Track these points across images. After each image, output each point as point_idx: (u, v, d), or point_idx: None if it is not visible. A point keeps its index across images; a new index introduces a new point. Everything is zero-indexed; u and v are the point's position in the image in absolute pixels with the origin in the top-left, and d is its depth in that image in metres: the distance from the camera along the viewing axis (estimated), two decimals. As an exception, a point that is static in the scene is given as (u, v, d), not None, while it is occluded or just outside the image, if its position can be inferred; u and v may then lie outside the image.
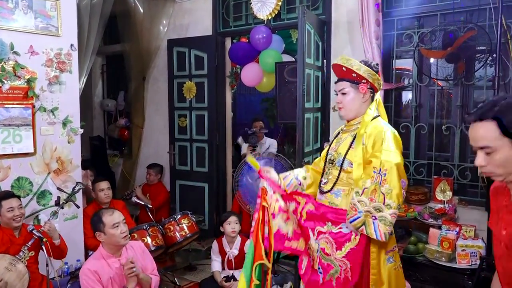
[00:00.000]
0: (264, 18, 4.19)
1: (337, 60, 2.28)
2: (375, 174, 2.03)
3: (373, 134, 2.14)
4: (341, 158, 2.23)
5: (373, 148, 2.11)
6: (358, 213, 2.02)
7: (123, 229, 2.63)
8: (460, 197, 3.40)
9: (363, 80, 2.23)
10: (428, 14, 3.50)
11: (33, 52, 3.35)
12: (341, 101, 2.28)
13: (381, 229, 1.98)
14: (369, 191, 2.02)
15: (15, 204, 2.93)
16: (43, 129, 3.44)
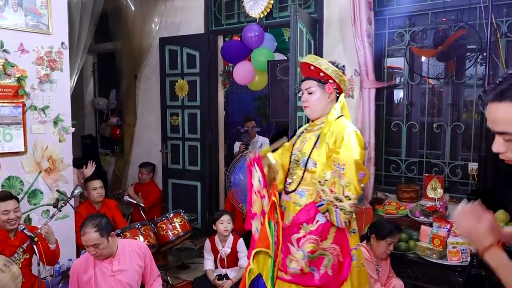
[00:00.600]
0: (256, 16, 4.18)
1: (304, 58, 2.31)
2: (334, 167, 2.10)
3: (335, 132, 2.18)
4: (305, 158, 2.25)
5: (334, 145, 2.16)
6: (322, 201, 2.12)
7: (91, 251, 2.56)
8: (451, 195, 3.43)
9: (330, 80, 2.26)
10: (419, 13, 3.52)
11: (24, 50, 3.32)
12: (307, 100, 2.29)
13: (341, 218, 2.09)
14: (329, 183, 2.09)
15: (11, 207, 2.87)
16: (34, 128, 3.41)
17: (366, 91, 3.55)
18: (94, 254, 2.56)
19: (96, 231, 2.54)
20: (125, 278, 2.61)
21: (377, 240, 2.84)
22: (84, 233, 2.54)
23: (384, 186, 3.77)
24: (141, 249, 2.77)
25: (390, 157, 3.77)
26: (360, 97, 3.62)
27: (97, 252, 2.55)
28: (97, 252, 2.55)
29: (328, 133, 2.20)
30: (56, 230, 3.30)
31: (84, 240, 2.54)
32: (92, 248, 2.53)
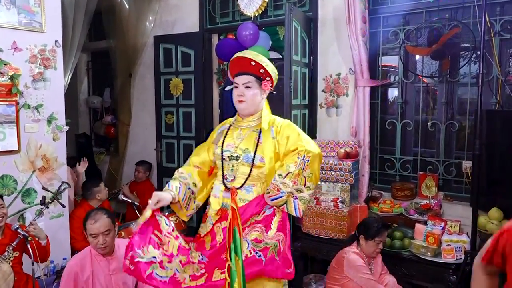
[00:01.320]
0: (251, 14, 4.17)
1: (243, 53, 2.31)
2: (299, 160, 2.18)
3: (283, 127, 2.28)
4: (251, 154, 2.25)
5: (288, 140, 2.24)
6: (280, 193, 2.17)
7: (101, 241, 2.51)
8: (445, 193, 3.44)
9: (267, 77, 2.30)
10: (413, 12, 3.52)
11: (17, 48, 3.30)
12: (243, 94, 2.28)
13: (300, 207, 2.21)
14: (292, 175, 2.17)
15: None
16: (28, 127, 3.39)
17: (360, 89, 3.55)
18: (103, 244, 2.52)
19: (107, 217, 2.57)
20: (122, 278, 2.58)
21: (365, 240, 2.85)
22: (96, 220, 2.52)
23: (378, 184, 3.78)
24: None
25: (384, 156, 3.78)
26: (354, 95, 3.62)
27: (107, 241, 2.52)
28: (106, 241, 2.52)
29: (274, 129, 2.28)
30: (50, 228, 3.29)
31: (96, 228, 2.50)
32: (102, 238, 2.51)
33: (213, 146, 2.42)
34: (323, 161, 3.33)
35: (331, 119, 3.87)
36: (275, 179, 2.20)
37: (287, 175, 2.18)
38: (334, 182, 3.35)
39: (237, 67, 2.32)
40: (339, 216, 3.25)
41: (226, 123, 2.49)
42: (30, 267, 2.82)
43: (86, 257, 2.59)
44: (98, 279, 2.55)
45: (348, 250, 2.91)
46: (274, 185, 2.19)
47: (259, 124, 2.31)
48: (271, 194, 2.20)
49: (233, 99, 2.33)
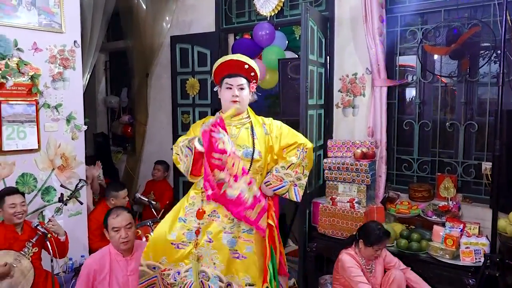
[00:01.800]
0: (267, 14, 4.17)
1: (237, 56, 2.50)
2: (299, 152, 2.50)
3: (273, 125, 2.56)
4: (250, 149, 2.45)
5: (281, 136, 2.53)
6: (283, 183, 2.48)
7: (123, 235, 2.57)
8: (464, 194, 3.39)
9: (254, 80, 2.55)
10: (432, 10, 3.47)
11: (37, 48, 3.36)
12: (239, 95, 2.47)
13: (299, 193, 2.52)
14: (295, 166, 2.48)
15: (18, 201, 2.94)
16: (47, 126, 3.45)
17: (377, 89, 3.52)
18: (126, 238, 2.57)
19: (128, 212, 2.66)
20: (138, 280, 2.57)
21: (364, 246, 2.86)
22: (118, 215, 2.61)
23: (395, 185, 3.74)
24: None
25: (402, 156, 3.73)
26: (371, 95, 3.59)
27: (129, 236, 2.58)
28: (128, 235, 2.58)
29: (266, 126, 2.55)
30: (69, 226, 3.34)
31: (118, 221, 2.58)
32: (124, 232, 2.56)
33: None
34: (339, 161, 3.34)
35: (348, 119, 3.84)
36: (278, 170, 2.49)
37: (289, 166, 2.48)
38: (350, 183, 3.33)
39: (230, 69, 2.49)
40: (355, 217, 3.23)
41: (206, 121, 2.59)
42: (49, 264, 2.88)
43: (105, 256, 2.62)
44: (116, 278, 2.58)
45: (344, 251, 2.96)
46: (277, 176, 2.48)
47: (248, 121, 2.54)
48: (274, 185, 2.48)
49: (225, 98, 2.50)
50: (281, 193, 2.49)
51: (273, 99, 6.17)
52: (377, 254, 2.87)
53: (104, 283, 2.55)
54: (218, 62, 2.51)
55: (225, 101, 2.51)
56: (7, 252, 2.84)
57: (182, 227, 2.42)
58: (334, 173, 3.37)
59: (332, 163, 3.38)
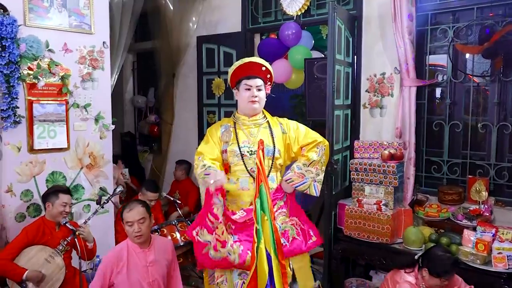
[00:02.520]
0: (293, 14, 4.15)
1: (255, 59, 2.66)
2: (318, 150, 2.67)
3: (289, 124, 2.75)
4: (271, 147, 2.62)
5: (299, 134, 2.70)
6: (304, 180, 2.63)
7: (136, 229, 2.60)
8: (497, 198, 3.28)
9: (269, 82, 2.71)
10: (464, 8, 3.38)
11: (67, 49, 3.44)
12: (257, 95, 2.63)
13: (318, 188, 2.68)
14: (316, 162, 2.65)
15: (69, 201, 3.07)
16: (76, 125, 3.53)
17: (406, 89, 3.45)
18: (139, 232, 2.60)
19: (142, 206, 2.69)
20: (157, 270, 2.67)
21: (429, 275, 2.57)
22: (131, 209, 2.64)
23: (424, 187, 3.65)
24: (167, 245, 2.84)
25: (431, 158, 3.65)
26: (400, 95, 3.53)
27: (142, 229, 2.61)
28: (141, 229, 2.60)
29: (283, 126, 2.72)
30: (96, 225, 3.41)
31: (131, 216, 2.61)
32: (137, 226, 2.60)
33: (221, 144, 2.67)
34: (366, 162, 3.29)
35: (375, 120, 3.78)
36: (300, 167, 2.64)
37: (311, 163, 2.64)
38: (378, 185, 3.28)
39: (248, 71, 2.62)
40: (382, 220, 3.17)
41: (225, 122, 2.78)
42: (77, 261, 2.94)
43: (123, 249, 2.68)
44: (136, 269, 2.63)
45: (404, 277, 2.69)
46: (298, 173, 2.63)
47: (265, 121, 2.71)
48: (296, 182, 2.64)
49: (243, 99, 2.65)
50: (302, 190, 2.65)
51: (299, 99, 6.15)
52: (443, 285, 2.55)
53: (122, 274, 2.60)
54: (235, 65, 2.63)
55: (243, 101, 2.66)
56: (43, 247, 2.94)
57: None
58: (361, 174, 3.33)
59: (359, 164, 3.34)
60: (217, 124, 2.79)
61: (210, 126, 2.81)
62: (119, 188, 3.46)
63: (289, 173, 2.66)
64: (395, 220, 3.19)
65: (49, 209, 3.03)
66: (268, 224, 2.15)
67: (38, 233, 2.97)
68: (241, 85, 2.65)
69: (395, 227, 3.20)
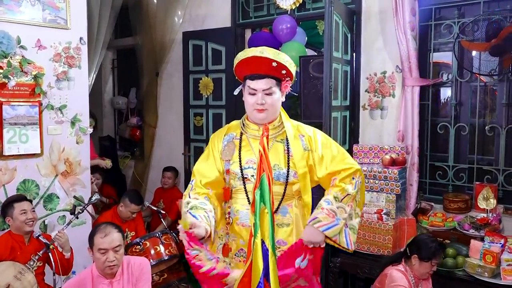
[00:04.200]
0: (287, 8, 4.18)
1: (261, 52, 2.05)
2: (354, 181, 2.10)
3: (316, 139, 2.18)
4: (283, 171, 2.12)
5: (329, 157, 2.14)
6: (336, 220, 2.00)
7: (111, 258, 2.44)
8: (506, 206, 3.33)
9: (287, 78, 2.13)
10: (470, 2, 3.44)
11: (41, 46, 3.43)
12: (265, 102, 2.08)
13: (351, 238, 2.07)
14: (351, 197, 2.07)
15: (28, 207, 3.02)
16: (51, 129, 3.51)
17: (409, 89, 3.49)
18: (112, 263, 2.45)
19: (118, 232, 2.54)
20: None
21: (419, 261, 2.74)
22: (106, 234, 2.46)
23: (428, 195, 3.70)
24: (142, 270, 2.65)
25: (435, 163, 3.69)
26: (402, 96, 3.57)
27: (116, 259, 2.46)
28: (116, 259, 2.45)
29: (305, 139, 2.17)
30: (72, 237, 3.38)
31: (107, 242, 2.44)
32: (112, 254, 2.44)
33: (222, 162, 2.22)
34: (366, 168, 3.32)
35: (375, 122, 3.82)
36: (329, 202, 2.03)
37: (345, 197, 2.05)
38: (378, 192, 3.30)
39: (253, 68, 2.10)
40: (383, 230, 3.20)
41: (232, 129, 2.29)
42: (51, 278, 2.93)
43: (86, 279, 2.51)
44: None
45: (392, 267, 2.84)
46: (329, 210, 2.00)
47: (282, 132, 2.18)
48: (324, 223, 1.97)
49: (247, 105, 2.15)
50: (331, 235, 1.99)
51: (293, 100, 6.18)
52: (433, 270, 2.76)
53: None
54: (237, 59, 2.14)
55: (247, 107, 2.17)
56: (13, 263, 2.91)
57: None
58: (360, 181, 3.35)
59: (358, 170, 3.36)
60: (222, 131, 2.32)
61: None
62: (94, 196, 3.45)
63: (315, 210, 2.06)
64: (397, 231, 3.22)
65: (10, 223, 3.01)
66: (268, 218, 1.94)
67: (5, 249, 2.94)
68: (245, 85, 2.16)
69: (397, 238, 3.22)
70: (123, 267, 2.57)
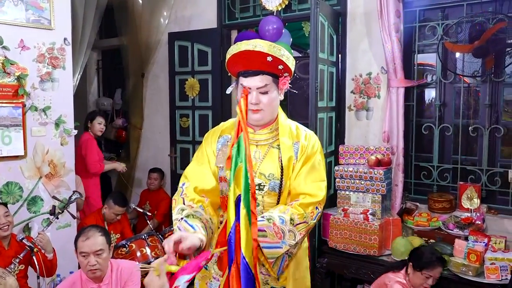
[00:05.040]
0: (273, 9, 4.19)
1: (254, 45, 1.83)
2: (316, 211, 1.90)
3: (304, 148, 1.96)
4: (277, 182, 1.92)
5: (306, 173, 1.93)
6: (281, 243, 1.77)
7: (92, 262, 2.41)
8: (489, 205, 3.38)
9: (285, 73, 1.94)
10: (453, 5, 3.48)
11: (24, 46, 3.39)
12: (259, 101, 1.88)
13: (285, 267, 1.88)
14: (307, 227, 1.86)
15: (1, 212, 2.95)
16: (34, 130, 3.47)
17: (394, 90, 3.52)
18: (94, 266, 2.41)
19: (101, 235, 2.50)
20: None
21: (413, 270, 2.73)
22: (88, 237, 2.44)
23: (414, 195, 3.73)
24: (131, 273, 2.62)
25: (420, 163, 3.73)
26: (387, 97, 3.60)
27: (98, 263, 2.42)
28: (97, 263, 2.42)
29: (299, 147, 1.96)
30: (57, 240, 3.36)
31: (87, 246, 2.41)
32: (93, 258, 2.41)
33: (217, 169, 2.00)
34: (352, 169, 3.34)
35: (361, 123, 3.85)
36: (284, 221, 1.79)
37: (301, 224, 1.84)
38: (364, 192, 3.33)
39: (246, 64, 1.90)
40: (369, 230, 3.22)
41: (227, 131, 2.07)
42: (35, 281, 2.89)
43: (76, 284, 2.49)
44: None
45: (393, 277, 2.81)
46: (279, 229, 1.77)
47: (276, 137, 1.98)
48: (268, 240, 1.74)
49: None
50: (268, 256, 1.77)
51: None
52: (427, 285, 2.69)
53: None
54: (229, 53, 1.93)
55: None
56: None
57: None
58: (346, 181, 3.38)
59: (344, 171, 3.38)
60: (216, 132, 2.09)
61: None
62: (75, 195, 3.42)
63: (264, 221, 1.78)
64: (383, 231, 3.24)
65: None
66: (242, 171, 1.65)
67: None
68: (238, 82, 1.95)
69: (383, 238, 3.25)
70: (112, 271, 2.54)
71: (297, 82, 4.42)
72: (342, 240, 3.34)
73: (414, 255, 2.78)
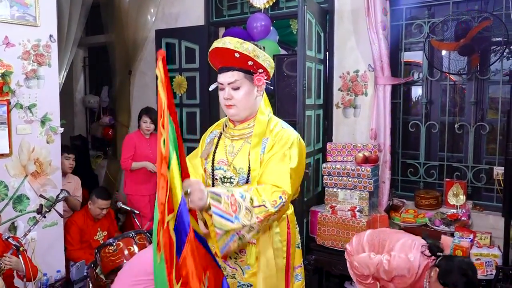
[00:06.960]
0: (261, 6, 4.19)
1: (222, 42, 1.92)
2: (280, 200, 1.83)
3: (272, 142, 1.96)
4: (245, 175, 1.95)
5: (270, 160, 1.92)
6: (234, 218, 1.72)
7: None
8: (475, 202, 3.42)
9: (259, 69, 1.97)
10: (439, 3, 3.51)
11: (9, 43, 3.35)
12: (231, 97, 1.95)
13: (231, 248, 1.79)
14: (265, 212, 1.79)
15: None
16: (20, 128, 3.43)
17: (381, 88, 3.54)
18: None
19: None
20: None
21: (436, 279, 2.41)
22: None
23: (400, 192, 3.76)
24: None
25: (407, 160, 3.76)
26: (374, 94, 3.62)
27: None
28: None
29: (269, 142, 1.96)
30: (43, 238, 3.32)
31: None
32: None
33: (202, 161, 2.10)
34: (339, 166, 3.35)
35: (348, 120, 3.87)
36: (243, 197, 1.76)
37: (260, 207, 1.78)
38: (352, 189, 3.35)
39: (218, 61, 2.01)
40: (357, 227, 3.24)
41: (218, 126, 2.18)
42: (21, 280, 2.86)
43: None
44: None
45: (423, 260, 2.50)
46: (236, 202, 1.74)
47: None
48: (222, 208, 1.71)
49: (220, 101, 2.03)
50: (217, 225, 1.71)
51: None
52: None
53: None
54: (209, 51, 2.03)
55: (221, 104, 2.05)
56: (-22, 268, 2.82)
57: None
58: (334, 179, 3.39)
59: (332, 168, 3.40)
60: (211, 128, 2.23)
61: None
62: (62, 194, 3.39)
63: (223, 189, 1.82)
64: (370, 227, 3.26)
65: None
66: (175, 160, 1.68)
67: None
68: None
69: (370, 235, 3.27)
70: None
71: (285, 80, 4.41)
72: (330, 237, 3.36)
73: (444, 266, 2.42)
